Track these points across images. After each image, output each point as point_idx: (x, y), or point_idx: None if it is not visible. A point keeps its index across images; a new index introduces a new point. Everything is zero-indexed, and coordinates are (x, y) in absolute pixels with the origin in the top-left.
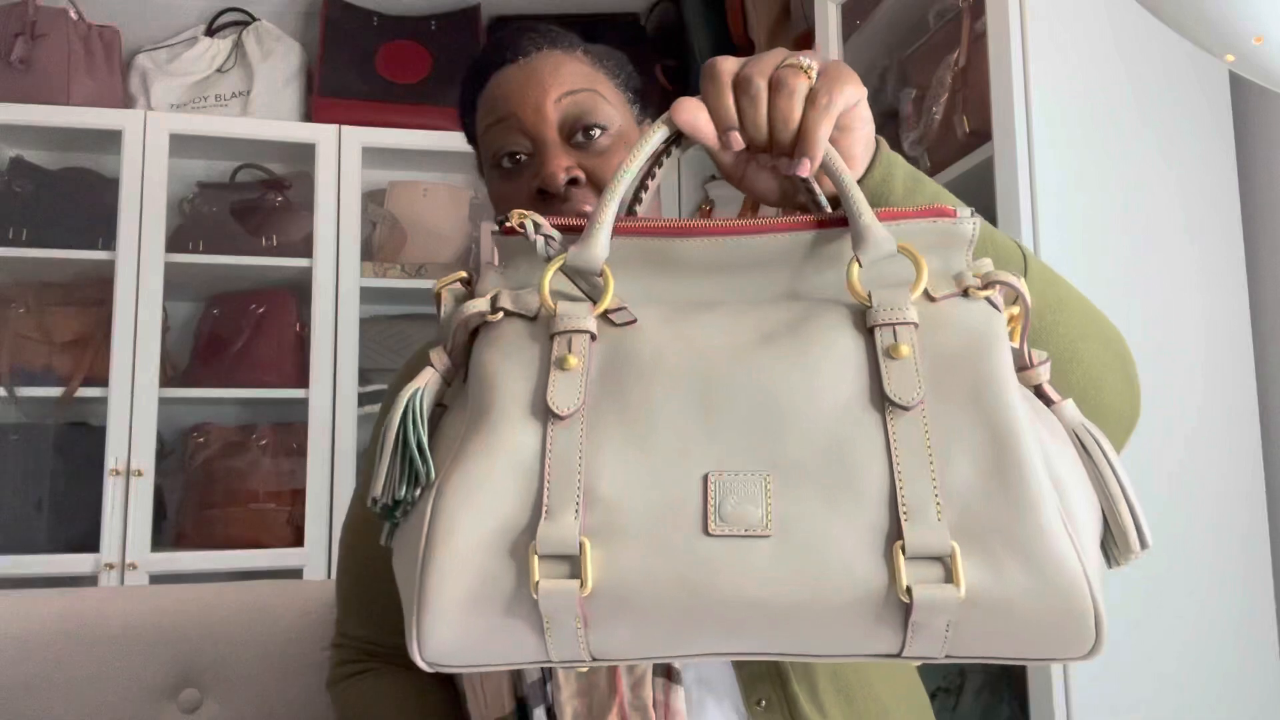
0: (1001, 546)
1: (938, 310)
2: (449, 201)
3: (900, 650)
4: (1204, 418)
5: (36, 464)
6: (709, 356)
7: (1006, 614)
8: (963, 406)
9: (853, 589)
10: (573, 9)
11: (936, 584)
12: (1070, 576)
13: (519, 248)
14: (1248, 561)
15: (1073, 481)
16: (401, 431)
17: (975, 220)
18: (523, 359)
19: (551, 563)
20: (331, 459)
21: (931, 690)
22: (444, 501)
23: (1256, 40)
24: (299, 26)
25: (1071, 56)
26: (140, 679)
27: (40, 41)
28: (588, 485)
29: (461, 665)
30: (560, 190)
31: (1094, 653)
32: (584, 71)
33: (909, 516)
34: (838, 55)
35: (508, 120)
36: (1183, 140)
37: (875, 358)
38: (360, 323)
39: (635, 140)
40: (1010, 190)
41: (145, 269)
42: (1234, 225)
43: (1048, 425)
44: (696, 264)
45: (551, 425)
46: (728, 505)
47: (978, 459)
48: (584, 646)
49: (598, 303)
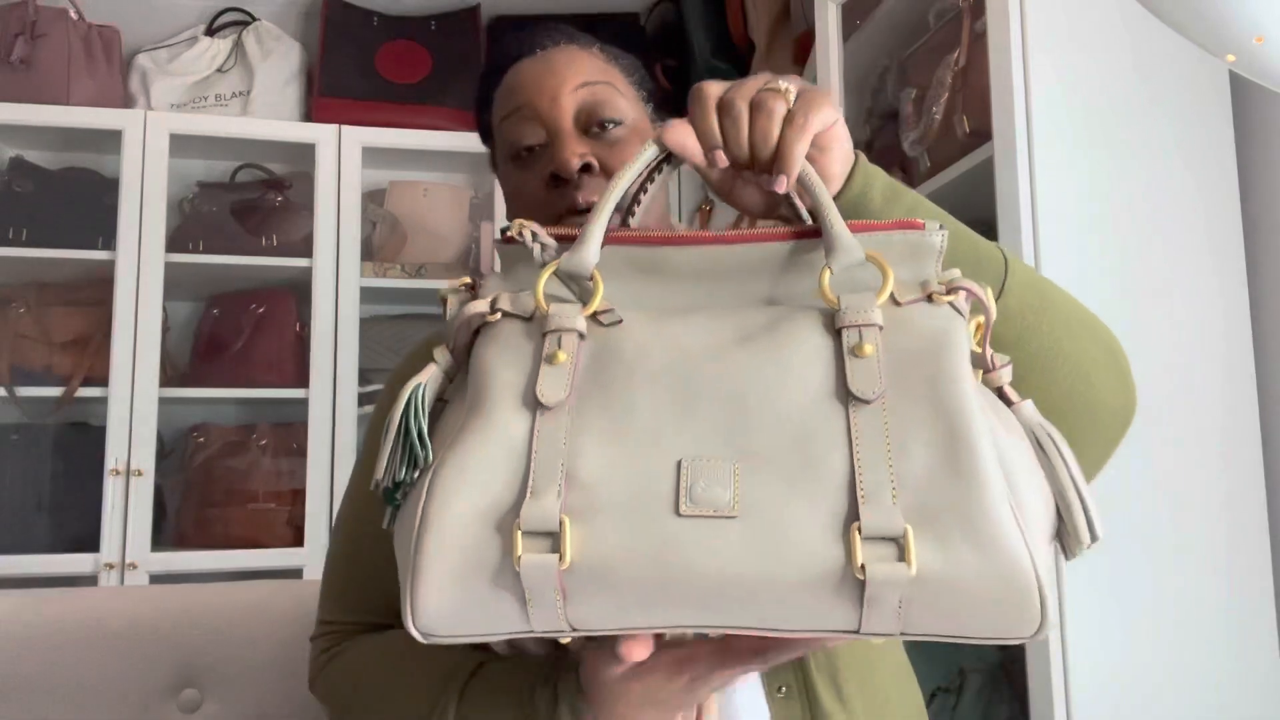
0: (951, 527)
1: (902, 314)
2: (449, 201)
3: (858, 626)
4: (1204, 418)
5: (36, 464)
6: (689, 354)
7: (955, 592)
8: (920, 400)
9: (812, 566)
10: (573, 9)
11: (890, 562)
12: (1014, 557)
13: (519, 255)
14: (1248, 561)
15: (1024, 473)
16: (404, 420)
17: (943, 233)
18: (517, 355)
19: (534, 539)
20: (331, 459)
21: (931, 690)
22: (440, 479)
23: (1257, 40)
24: (299, 26)
25: (1071, 56)
26: (140, 679)
27: (40, 41)
28: (570, 469)
29: (451, 635)
30: (573, 176)
31: (1040, 633)
32: (600, 66)
33: (866, 500)
34: (837, 55)
35: (523, 110)
36: (1183, 140)
37: (842, 356)
38: (360, 323)
39: (649, 134)
40: (1010, 190)
41: (145, 269)
42: (1234, 225)
43: (1004, 422)
44: (682, 271)
45: (540, 414)
46: (698, 488)
47: (932, 447)
48: (563, 618)
49: (587, 304)
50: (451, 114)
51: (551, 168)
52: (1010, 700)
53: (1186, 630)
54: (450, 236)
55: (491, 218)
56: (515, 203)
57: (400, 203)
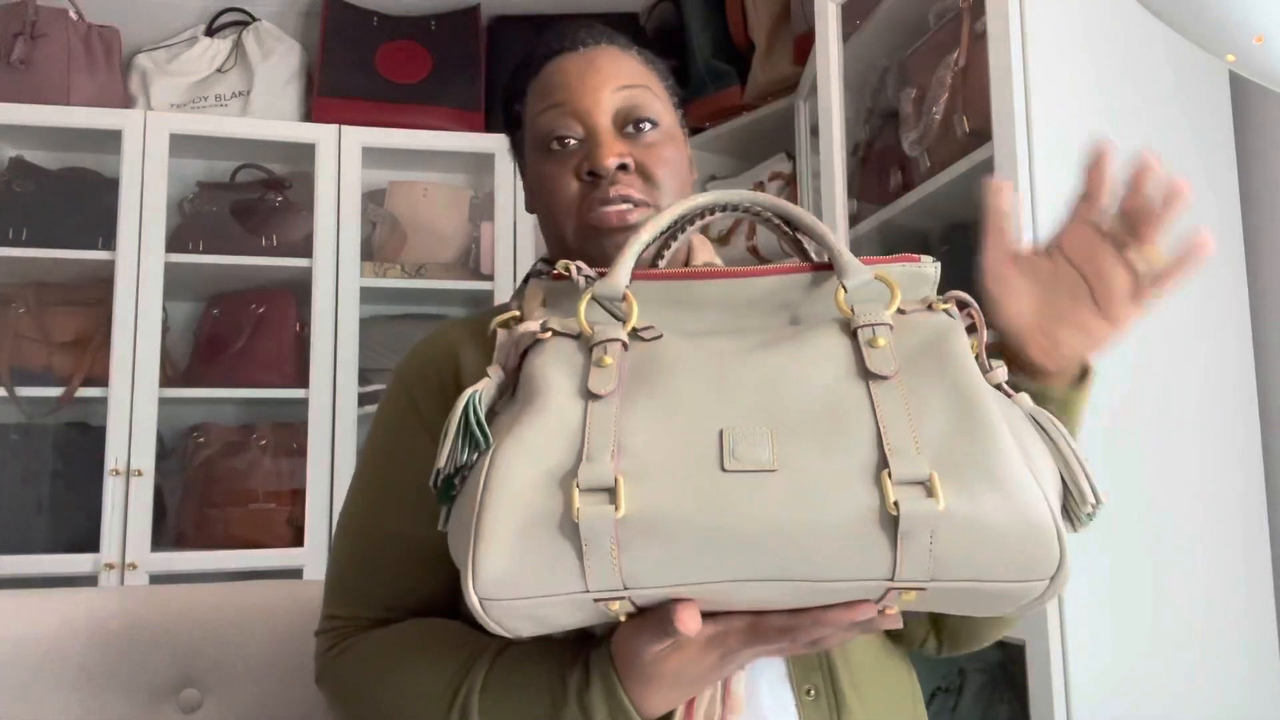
0: (973, 476)
1: (908, 319)
2: (449, 201)
3: (893, 572)
4: (1204, 417)
5: (36, 464)
6: (723, 355)
7: (980, 529)
8: (931, 375)
9: (850, 508)
10: (573, 8)
11: (920, 500)
12: (1031, 497)
13: (564, 291)
14: (1248, 561)
15: (1031, 442)
16: (464, 414)
17: (936, 265)
18: (568, 364)
19: (591, 495)
20: (331, 459)
21: (931, 690)
22: (500, 454)
23: (1257, 40)
24: (299, 26)
25: (1071, 56)
26: (140, 679)
27: (40, 41)
28: (621, 441)
29: (510, 597)
30: (610, 174)
31: (1059, 576)
32: (639, 69)
33: (893, 453)
34: (837, 55)
35: (563, 105)
36: (1183, 140)
37: (859, 350)
38: (360, 323)
39: (680, 139)
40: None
41: (145, 269)
42: (1234, 225)
43: (1005, 404)
44: (711, 301)
45: (591, 402)
46: (740, 448)
47: (946, 412)
48: (617, 573)
49: (626, 322)
50: (451, 114)
51: (589, 165)
52: (1010, 700)
53: (1186, 630)
54: (450, 236)
55: (492, 218)
56: (541, 191)
57: (400, 203)
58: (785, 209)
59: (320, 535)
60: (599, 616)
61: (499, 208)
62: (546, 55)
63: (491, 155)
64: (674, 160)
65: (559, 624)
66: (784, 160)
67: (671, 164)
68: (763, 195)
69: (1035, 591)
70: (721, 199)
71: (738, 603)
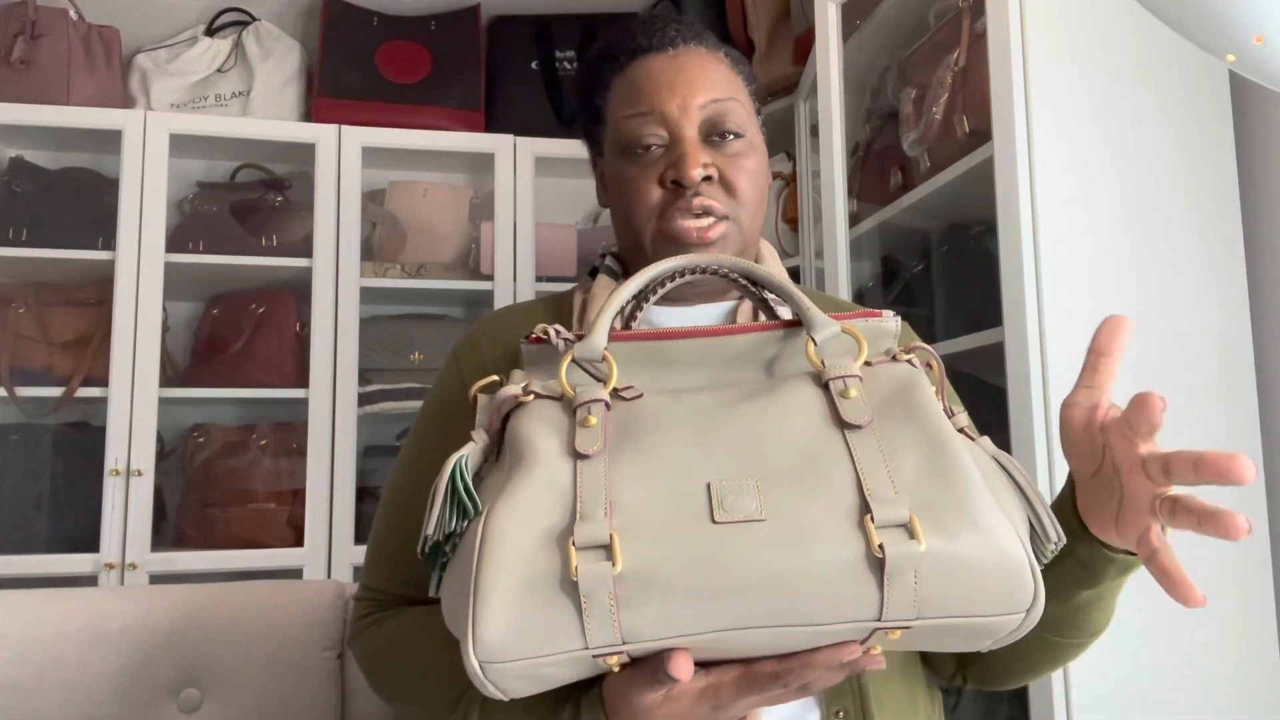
0: (949, 517)
1: (874, 370)
2: (449, 201)
3: (880, 612)
4: (1204, 417)
5: (36, 464)
6: (703, 409)
7: (961, 567)
8: (902, 425)
9: (837, 552)
10: (573, 8)
11: (903, 542)
12: (1003, 536)
13: (543, 354)
14: (1248, 561)
15: (998, 483)
16: (451, 480)
17: (897, 320)
18: (553, 425)
19: (587, 553)
20: (331, 459)
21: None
22: (494, 516)
23: (1257, 40)
24: (299, 26)
25: (1071, 56)
26: (140, 679)
27: (40, 41)
28: (612, 498)
29: (510, 658)
30: (695, 185)
31: (1034, 607)
32: (727, 77)
33: (874, 498)
34: (837, 55)
35: (652, 115)
36: (1183, 140)
37: (833, 400)
38: (360, 323)
39: (761, 148)
40: (1010, 190)
41: (145, 269)
42: (1234, 225)
43: (970, 447)
44: (686, 359)
45: (580, 462)
46: (729, 500)
47: (920, 459)
48: (616, 628)
49: (606, 383)
50: (451, 114)
51: (674, 174)
52: (1010, 700)
53: (1186, 630)
54: (450, 236)
55: (492, 218)
56: (621, 194)
57: (400, 203)
58: (750, 270)
59: (320, 535)
60: (593, 670)
61: (499, 207)
62: (634, 52)
63: (491, 155)
64: (756, 171)
65: (554, 681)
66: (784, 160)
67: (754, 175)
68: (728, 258)
69: (1012, 624)
70: (690, 263)
71: (731, 651)
